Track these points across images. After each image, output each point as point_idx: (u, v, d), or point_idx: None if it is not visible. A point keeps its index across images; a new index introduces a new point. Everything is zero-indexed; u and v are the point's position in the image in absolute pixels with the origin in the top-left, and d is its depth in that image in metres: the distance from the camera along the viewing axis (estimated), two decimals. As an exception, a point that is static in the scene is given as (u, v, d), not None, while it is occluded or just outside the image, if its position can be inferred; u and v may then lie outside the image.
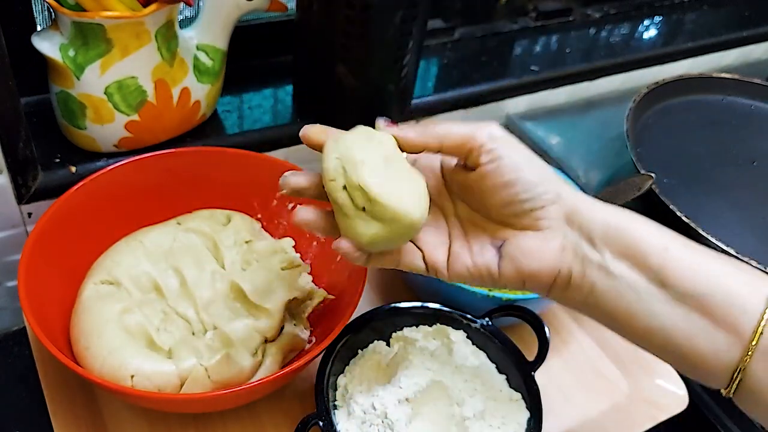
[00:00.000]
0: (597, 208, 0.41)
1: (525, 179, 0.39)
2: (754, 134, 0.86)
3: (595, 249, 0.40)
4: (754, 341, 0.36)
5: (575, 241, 0.40)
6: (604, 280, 0.39)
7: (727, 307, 0.37)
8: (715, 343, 0.37)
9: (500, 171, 0.39)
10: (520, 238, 0.41)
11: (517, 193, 0.40)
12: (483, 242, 0.42)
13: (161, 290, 0.55)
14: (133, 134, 0.62)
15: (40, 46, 0.56)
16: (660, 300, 0.38)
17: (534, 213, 0.40)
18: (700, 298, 0.37)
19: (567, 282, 0.41)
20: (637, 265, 0.39)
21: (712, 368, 0.38)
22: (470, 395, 0.52)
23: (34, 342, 0.57)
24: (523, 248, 0.40)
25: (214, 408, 0.53)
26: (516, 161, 0.40)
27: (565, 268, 0.40)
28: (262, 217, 0.64)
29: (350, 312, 0.51)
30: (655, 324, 0.39)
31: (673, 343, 0.38)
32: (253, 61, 0.79)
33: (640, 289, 0.39)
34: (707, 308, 0.37)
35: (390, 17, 0.63)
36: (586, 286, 0.40)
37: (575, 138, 0.85)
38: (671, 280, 0.38)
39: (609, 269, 0.39)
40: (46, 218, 0.53)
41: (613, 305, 0.40)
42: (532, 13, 0.96)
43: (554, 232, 0.40)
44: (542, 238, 0.40)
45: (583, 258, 0.40)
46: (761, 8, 1.09)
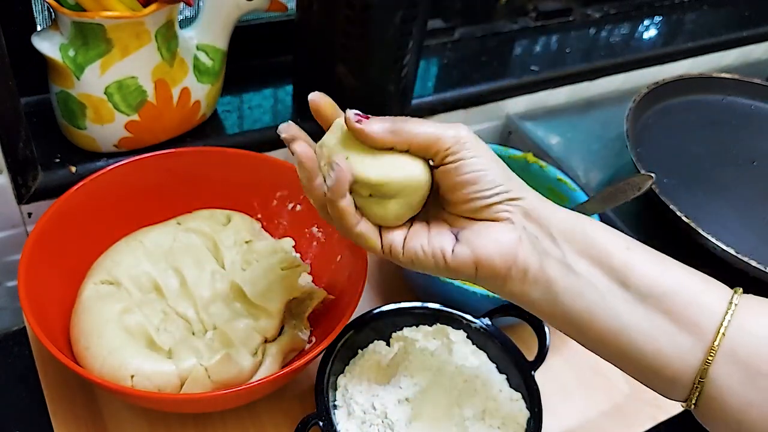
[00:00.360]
0: (558, 209, 0.41)
1: (487, 177, 0.40)
2: (754, 134, 0.86)
3: (555, 245, 0.39)
4: (716, 341, 0.36)
5: (534, 235, 0.40)
6: (565, 278, 0.39)
7: (690, 307, 0.37)
8: (677, 345, 0.37)
9: (463, 169, 0.40)
10: (478, 225, 0.40)
11: (478, 191, 0.40)
12: (442, 228, 0.42)
13: (161, 290, 0.55)
14: (133, 134, 0.62)
15: (40, 46, 0.56)
16: (622, 299, 0.38)
17: (494, 207, 0.40)
18: (662, 297, 0.37)
19: (523, 274, 0.40)
20: (599, 263, 0.39)
21: (675, 373, 0.37)
22: (470, 395, 0.52)
23: (34, 342, 0.57)
24: (481, 234, 0.40)
25: (214, 408, 0.53)
26: (479, 161, 0.40)
27: (521, 259, 0.39)
28: (262, 217, 0.64)
29: (350, 312, 0.51)
30: (617, 324, 0.38)
31: (634, 345, 0.38)
32: (253, 61, 0.79)
33: (602, 287, 0.38)
34: (669, 308, 0.37)
35: (390, 17, 0.63)
36: (543, 280, 0.39)
37: (575, 138, 0.84)
38: (633, 279, 0.38)
39: (570, 266, 0.39)
40: (46, 218, 0.53)
41: (574, 304, 0.39)
42: (532, 13, 0.96)
43: (513, 225, 0.40)
44: (500, 227, 0.40)
45: (542, 252, 0.39)
46: (761, 8, 1.09)
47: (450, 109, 0.82)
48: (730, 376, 0.36)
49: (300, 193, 0.62)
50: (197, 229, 0.59)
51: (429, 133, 0.40)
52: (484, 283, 0.41)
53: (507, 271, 0.40)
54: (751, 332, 0.36)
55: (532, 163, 0.71)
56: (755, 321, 0.36)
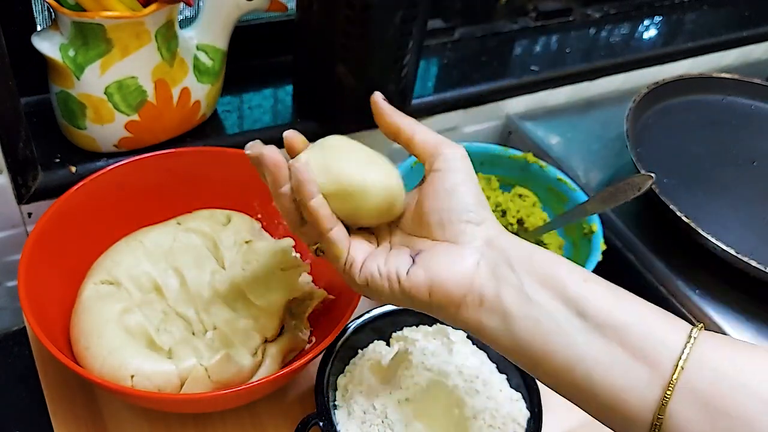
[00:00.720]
0: (520, 241, 0.41)
1: (464, 192, 0.41)
2: (754, 134, 0.86)
3: (514, 273, 0.39)
4: (674, 376, 0.34)
5: (494, 261, 0.39)
6: (522, 307, 0.38)
7: (648, 340, 0.36)
8: (635, 379, 0.35)
9: (446, 178, 0.41)
10: (437, 247, 0.40)
11: (451, 201, 0.40)
12: (401, 251, 0.42)
13: (161, 290, 0.55)
14: (133, 134, 0.62)
15: (40, 46, 0.56)
16: (579, 330, 0.37)
17: (459, 226, 0.40)
18: (619, 329, 0.36)
19: (479, 302, 0.39)
20: (556, 293, 0.38)
21: (633, 409, 0.36)
22: (470, 395, 0.52)
23: (34, 342, 0.57)
24: (438, 257, 0.40)
25: (214, 408, 0.53)
26: (462, 178, 0.41)
27: (477, 285, 0.39)
28: (262, 217, 0.64)
29: (350, 312, 0.51)
30: (573, 355, 0.37)
31: (591, 379, 0.36)
32: (253, 61, 0.78)
33: (559, 316, 0.37)
34: (626, 340, 0.36)
35: (390, 17, 0.63)
36: (500, 309, 0.38)
37: (575, 138, 0.84)
38: (590, 310, 0.37)
39: (528, 295, 0.38)
40: (46, 218, 0.53)
41: (531, 334, 0.38)
42: (532, 13, 0.96)
43: (472, 249, 0.40)
44: (459, 251, 0.40)
45: (500, 278, 0.39)
46: (761, 8, 1.09)
47: (450, 109, 0.82)
48: (689, 414, 0.34)
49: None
50: (197, 229, 0.59)
51: (433, 136, 0.43)
52: (438, 311, 0.40)
53: (462, 298, 0.39)
54: (711, 367, 0.34)
55: (532, 163, 0.71)
56: (715, 355, 0.35)
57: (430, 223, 0.41)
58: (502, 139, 0.89)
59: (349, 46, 0.65)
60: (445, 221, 0.40)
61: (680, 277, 0.67)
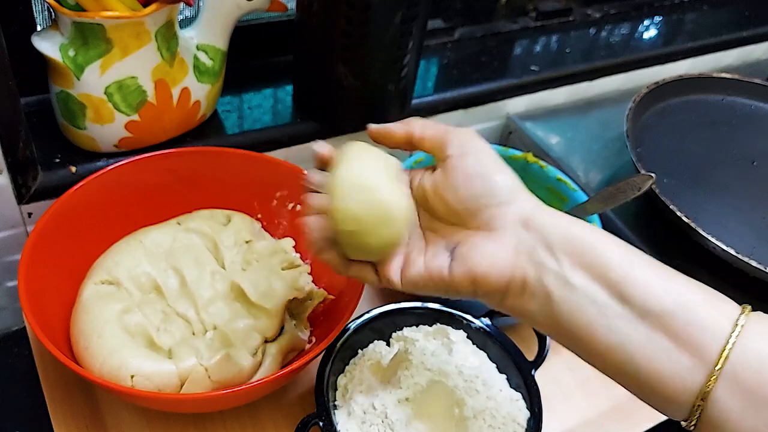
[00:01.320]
0: (557, 216, 0.39)
1: (485, 174, 0.40)
2: (754, 134, 0.86)
3: (552, 257, 0.38)
4: (718, 366, 0.34)
5: (531, 245, 0.38)
6: (562, 291, 0.37)
7: (692, 327, 0.35)
8: (678, 366, 0.35)
9: (464, 164, 0.40)
10: (472, 239, 0.40)
11: (475, 187, 0.40)
12: (438, 247, 0.41)
13: (161, 290, 0.55)
14: (133, 134, 0.62)
15: (40, 46, 0.56)
16: (620, 316, 0.36)
17: (489, 210, 0.39)
18: (662, 316, 0.35)
19: (522, 288, 0.38)
20: (597, 277, 0.37)
21: (674, 393, 0.35)
22: (470, 395, 0.52)
23: (34, 342, 0.57)
24: (476, 249, 0.39)
25: (214, 408, 0.53)
26: (481, 158, 0.40)
27: (518, 273, 0.38)
28: (262, 217, 0.64)
29: (350, 312, 0.51)
30: (615, 341, 0.36)
31: (634, 363, 0.36)
32: (253, 61, 0.79)
33: (601, 302, 0.37)
34: (670, 327, 0.35)
35: (390, 17, 0.63)
36: (542, 294, 0.38)
37: (575, 138, 0.84)
38: (633, 296, 0.36)
39: (567, 279, 0.37)
40: (46, 218, 0.53)
41: (572, 319, 0.37)
42: (532, 13, 0.96)
43: (508, 234, 0.39)
44: (495, 239, 0.39)
45: (539, 264, 0.38)
46: (761, 8, 1.09)
47: (450, 109, 0.82)
48: (732, 401, 0.34)
49: (300, 193, 0.62)
50: (197, 229, 0.59)
51: (441, 126, 0.42)
52: (485, 299, 0.40)
53: (505, 286, 0.39)
54: (757, 356, 0.34)
55: (532, 163, 0.71)
56: (762, 343, 0.34)
57: (458, 213, 0.40)
58: (502, 139, 0.89)
59: (349, 46, 0.65)
60: (473, 209, 0.40)
61: (680, 277, 0.67)
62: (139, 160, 0.59)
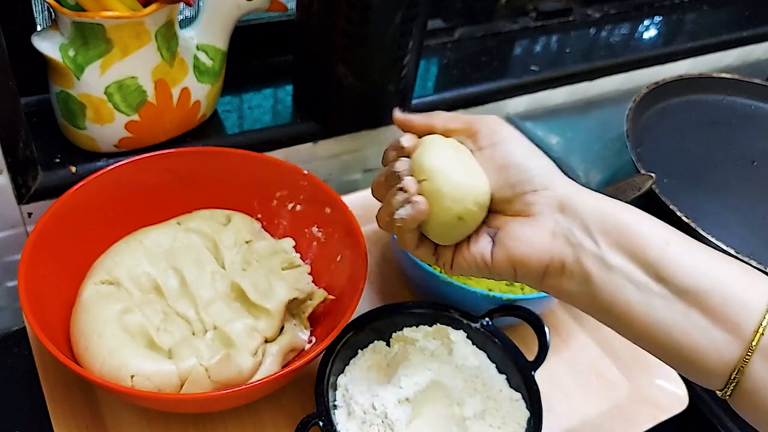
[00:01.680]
0: (593, 198, 0.40)
1: (519, 162, 0.41)
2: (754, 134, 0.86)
3: (590, 238, 0.39)
4: (754, 341, 0.35)
5: (568, 227, 0.40)
6: (601, 271, 0.39)
7: (728, 305, 0.36)
8: (714, 342, 0.36)
9: (497, 153, 0.41)
10: (511, 224, 0.41)
11: (510, 176, 0.41)
12: (481, 233, 0.43)
13: (161, 290, 0.55)
14: (133, 134, 0.62)
15: (40, 46, 0.56)
16: (658, 295, 0.37)
17: (525, 197, 0.40)
18: (699, 294, 0.37)
19: (560, 270, 0.40)
20: (634, 257, 0.38)
21: (711, 367, 0.37)
22: (470, 395, 0.52)
23: (34, 342, 0.57)
24: (514, 234, 0.41)
25: (214, 408, 0.53)
26: (513, 146, 0.41)
27: (557, 255, 0.40)
28: (262, 217, 0.64)
29: (350, 312, 0.51)
30: (653, 319, 0.38)
31: (671, 340, 0.38)
32: (253, 61, 0.79)
33: (638, 282, 0.38)
34: (706, 305, 0.36)
35: (390, 17, 0.63)
36: (580, 274, 0.39)
37: (575, 138, 0.85)
38: (670, 275, 0.37)
39: (605, 260, 0.39)
40: (46, 218, 0.53)
41: (611, 298, 0.39)
42: (532, 13, 0.96)
43: (545, 218, 0.40)
44: (533, 223, 0.40)
45: (576, 246, 0.39)
46: (761, 8, 1.09)
47: (450, 109, 0.82)
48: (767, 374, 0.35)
49: (300, 193, 0.63)
50: (197, 229, 0.59)
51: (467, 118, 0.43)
52: (524, 280, 0.42)
53: (544, 269, 0.40)
54: None
55: (532, 163, 0.71)
56: None
57: (496, 202, 0.42)
58: (502, 139, 0.89)
59: (349, 46, 0.65)
60: (510, 197, 0.41)
61: (680, 277, 0.67)
62: (139, 160, 0.59)
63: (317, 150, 0.75)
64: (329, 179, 0.79)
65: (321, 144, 0.75)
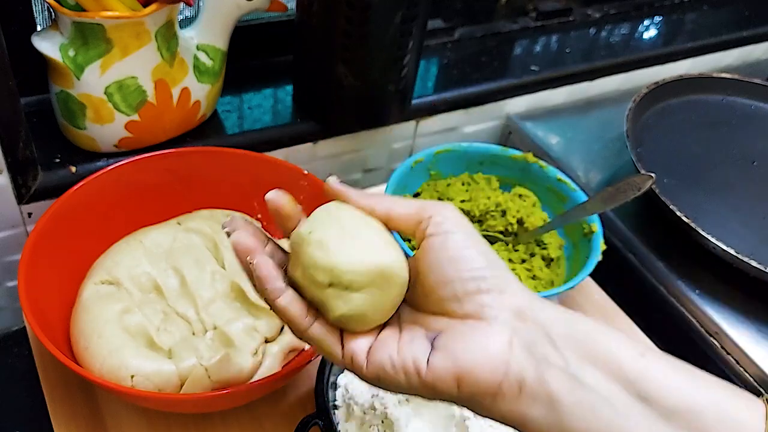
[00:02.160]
0: (556, 308, 0.35)
1: (472, 257, 0.35)
2: (754, 134, 0.86)
3: (556, 350, 0.33)
4: None
5: (529, 338, 0.33)
6: (573, 391, 0.32)
7: (723, 425, 0.31)
8: None
9: (446, 245, 0.35)
10: (458, 327, 0.34)
11: (461, 270, 0.34)
12: (416, 333, 0.35)
13: (161, 290, 0.55)
14: (133, 134, 0.62)
15: (40, 46, 0.56)
16: (642, 416, 0.32)
17: (478, 297, 0.34)
18: (689, 415, 0.31)
19: (517, 390, 0.33)
20: (611, 373, 0.32)
21: None
22: (470, 395, 0.52)
23: (34, 342, 0.57)
24: (462, 339, 0.33)
25: (214, 408, 0.53)
26: (464, 239, 0.35)
27: (514, 370, 0.32)
28: (262, 217, 0.64)
29: (350, 312, 0.51)
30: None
31: None
32: (253, 61, 0.79)
33: (618, 403, 0.32)
34: (699, 427, 0.31)
35: (390, 17, 0.63)
36: (544, 395, 0.32)
37: (575, 138, 0.84)
38: (653, 392, 0.32)
39: (577, 377, 0.32)
40: (46, 218, 0.53)
41: (585, 425, 0.32)
42: (532, 13, 0.96)
43: (501, 324, 0.33)
44: (486, 329, 0.33)
45: (541, 359, 0.33)
46: (761, 8, 1.09)
47: (450, 109, 0.82)
48: None
49: (300, 193, 0.62)
50: (197, 229, 0.59)
51: (413, 203, 0.37)
52: (470, 403, 0.34)
53: (497, 387, 0.33)
54: None
55: (532, 163, 0.71)
56: None
57: (442, 298, 0.35)
58: (502, 139, 0.89)
59: (349, 46, 0.65)
60: (460, 294, 0.34)
61: (680, 277, 0.67)
62: (139, 160, 0.59)
63: (317, 150, 0.75)
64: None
65: (321, 144, 0.75)
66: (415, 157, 0.69)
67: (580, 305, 0.68)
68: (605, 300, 0.69)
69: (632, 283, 0.70)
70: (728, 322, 0.64)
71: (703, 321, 0.65)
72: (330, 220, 0.36)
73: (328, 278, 0.34)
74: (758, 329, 0.64)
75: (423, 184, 0.71)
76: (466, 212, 0.68)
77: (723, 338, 0.63)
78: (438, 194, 0.69)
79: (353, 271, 0.34)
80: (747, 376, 0.62)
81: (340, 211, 0.36)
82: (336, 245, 0.34)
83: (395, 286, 0.35)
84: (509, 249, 0.66)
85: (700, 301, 0.65)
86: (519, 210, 0.67)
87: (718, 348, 0.64)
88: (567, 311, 0.35)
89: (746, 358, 0.62)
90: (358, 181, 0.82)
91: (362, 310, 0.35)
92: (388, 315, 0.36)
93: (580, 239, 0.66)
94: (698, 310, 0.65)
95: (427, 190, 0.70)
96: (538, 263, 0.65)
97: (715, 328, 0.64)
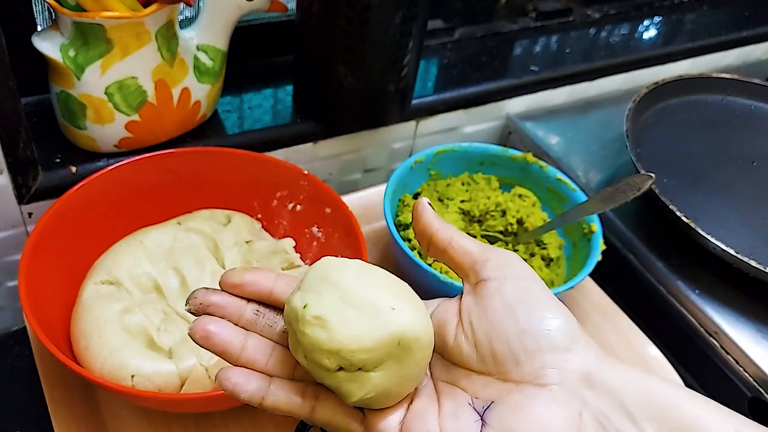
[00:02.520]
0: (628, 370, 0.29)
1: (535, 307, 0.30)
2: (754, 134, 0.86)
3: (635, 425, 0.27)
4: None
5: (600, 410, 0.28)
6: None
7: None
8: None
9: (507, 289, 0.30)
10: (515, 396, 0.29)
11: (520, 322, 0.29)
12: (460, 403, 0.30)
13: (161, 290, 0.55)
14: (133, 134, 0.62)
15: (40, 46, 0.57)
16: None
17: (538, 357, 0.29)
18: None
19: None
20: None
21: None
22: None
23: (35, 342, 0.57)
24: (520, 412, 0.28)
25: (214, 408, 0.53)
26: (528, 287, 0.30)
27: None
28: (262, 217, 0.64)
29: (350, 312, 0.51)
30: None
31: None
32: (253, 61, 0.79)
33: None
34: None
35: (390, 17, 0.63)
36: None
37: (575, 138, 0.85)
38: None
39: None
40: (46, 218, 0.53)
41: None
42: (532, 13, 0.96)
43: (566, 393, 0.28)
44: (548, 399, 0.28)
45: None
46: (761, 8, 1.09)
47: (450, 109, 0.82)
48: None
49: (300, 193, 0.63)
50: (197, 229, 0.60)
51: (477, 241, 0.33)
52: None
53: None
54: None
55: (532, 163, 0.71)
56: None
57: (496, 356, 0.30)
58: (502, 139, 0.90)
59: (349, 46, 0.65)
60: (520, 352, 0.29)
61: (680, 277, 0.68)
62: (139, 160, 0.59)
63: (317, 150, 0.75)
64: (329, 179, 0.79)
65: (321, 144, 0.75)
66: (415, 157, 0.69)
67: (580, 305, 0.68)
68: (605, 300, 0.69)
69: (632, 283, 0.70)
70: (728, 321, 0.64)
71: (703, 321, 0.65)
72: (326, 285, 0.30)
73: (336, 362, 0.29)
74: (758, 329, 0.64)
75: (423, 184, 0.71)
76: (466, 212, 0.68)
77: (723, 338, 0.63)
78: (438, 194, 0.69)
79: (363, 349, 0.28)
80: (747, 376, 0.62)
81: (336, 270, 0.31)
82: (337, 319, 0.29)
83: (419, 351, 0.30)
84: (509, 249, 0.66)
85: (699, 301, 0.65)
86: (519, 210, 0.67)
87: (717, 348, 0.64)
88: (637, 370, 0.29)
89: (746, 358, 0.62)
90: (358, 181, 0.82)
91: (383, 388, 0.29)
92: (417, 382, 0.31)
93: (579, 239, 0.66)
94: (698, 310, 0.65)
95: (427, 190, 0.70)
96: (537, 263, 0.65)
97: (715, 328, 0.64)
